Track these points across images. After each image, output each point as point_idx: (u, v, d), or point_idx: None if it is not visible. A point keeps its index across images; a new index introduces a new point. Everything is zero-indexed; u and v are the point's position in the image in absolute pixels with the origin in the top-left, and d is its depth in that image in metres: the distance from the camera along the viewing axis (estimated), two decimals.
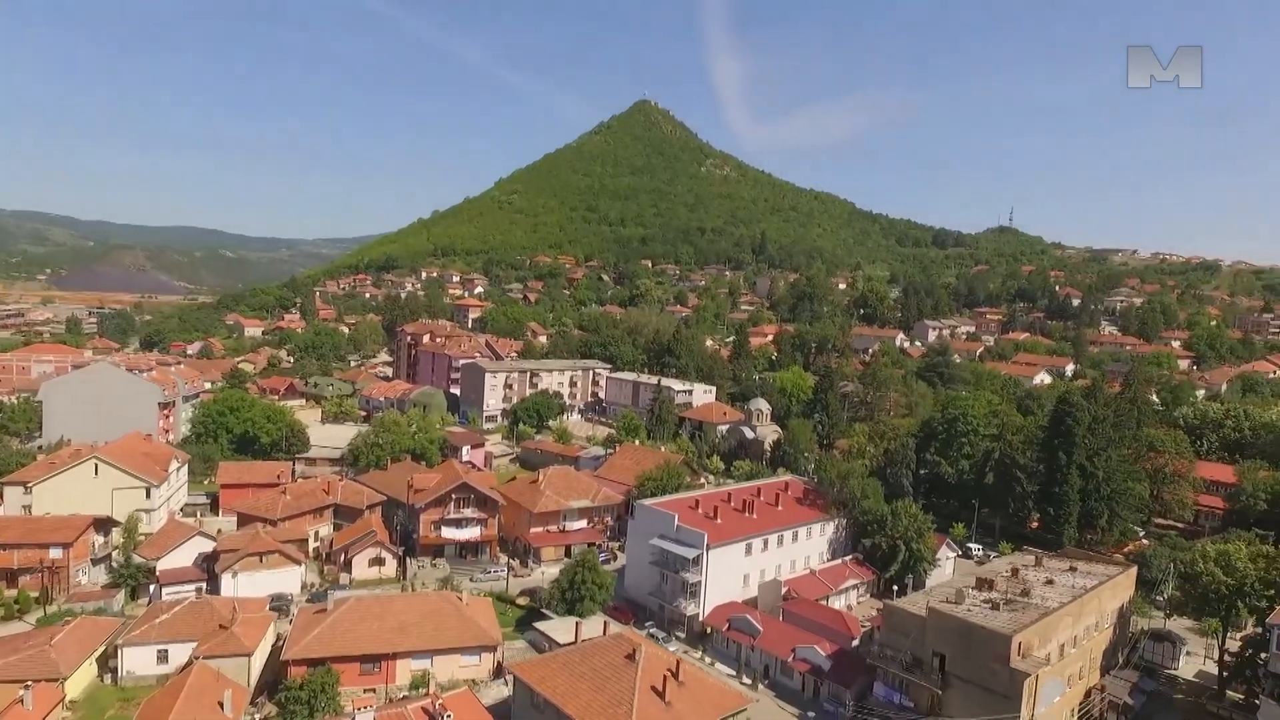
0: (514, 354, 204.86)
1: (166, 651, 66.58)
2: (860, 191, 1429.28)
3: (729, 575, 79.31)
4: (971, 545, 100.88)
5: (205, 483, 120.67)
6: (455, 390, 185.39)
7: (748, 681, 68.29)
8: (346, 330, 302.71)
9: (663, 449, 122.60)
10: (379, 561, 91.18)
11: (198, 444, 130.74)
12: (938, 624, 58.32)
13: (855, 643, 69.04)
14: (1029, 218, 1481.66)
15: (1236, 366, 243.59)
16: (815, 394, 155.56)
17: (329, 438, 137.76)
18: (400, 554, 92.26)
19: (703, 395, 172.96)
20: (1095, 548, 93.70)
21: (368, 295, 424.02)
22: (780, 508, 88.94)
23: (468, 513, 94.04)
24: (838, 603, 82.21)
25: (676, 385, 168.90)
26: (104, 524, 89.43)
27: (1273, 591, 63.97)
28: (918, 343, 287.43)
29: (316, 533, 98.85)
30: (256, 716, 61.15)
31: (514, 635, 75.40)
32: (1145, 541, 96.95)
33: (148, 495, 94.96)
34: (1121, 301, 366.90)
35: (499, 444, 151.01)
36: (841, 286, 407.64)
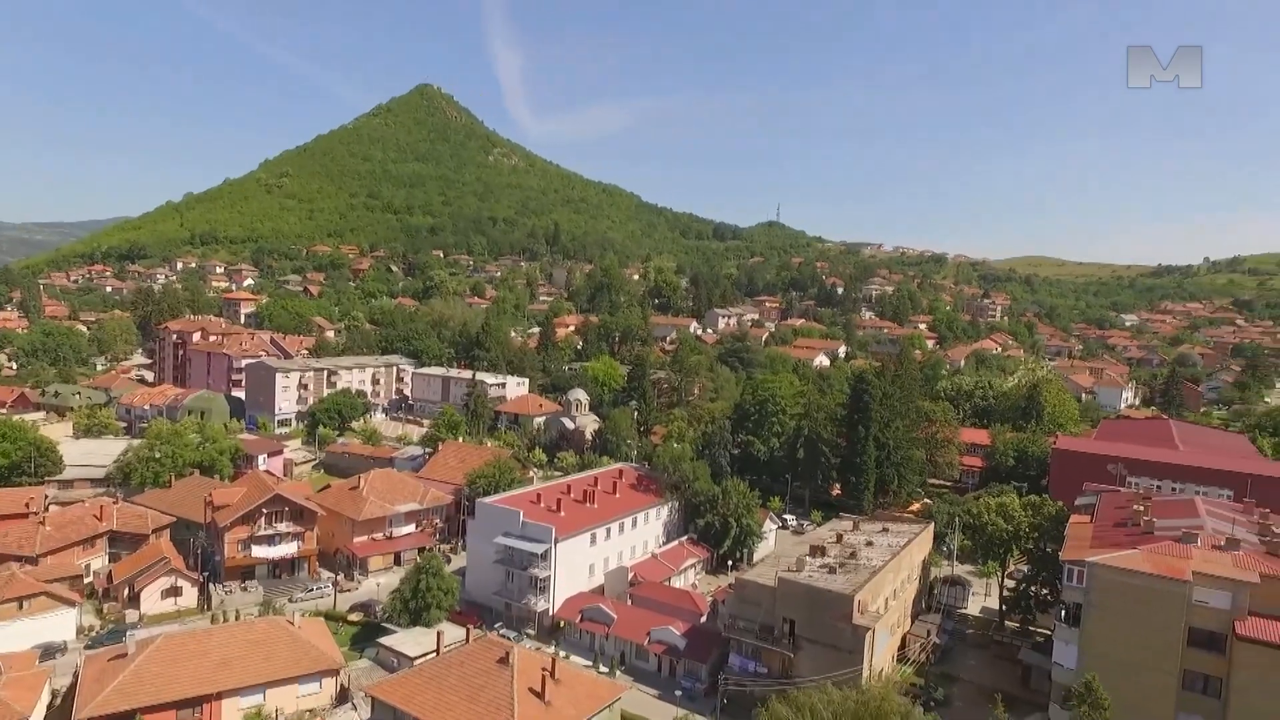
0: (304, 351, 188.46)
1: None
2: (645, 185, 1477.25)
3: (576, 567, 79.16)
4: (787, 516, 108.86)
5: None
6: (239, 393, 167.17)
7: (605, 670, 68.65)
8: (86, 330, 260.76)
9: (488, 444, 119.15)
10: (175, 591, 80.00)
11: None
12: (787, 592, 62.37)
13: (703, 619, 71.97)
14: (793, 214, 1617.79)
15: (969, 344, 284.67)
16: (629, 382, 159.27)
17: (86, 455, 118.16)
18: (201, 580, 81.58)
19: (516, 388, 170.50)
20: (889, 509, 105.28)
21: (109, 289, 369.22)
22: (618, 495, 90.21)
23: (281, 527, 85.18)
24: (679, 582, 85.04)
25: (490, 379, 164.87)
26: None
27: (1037, 534, 75.63)
28: (709, 330, 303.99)
29: (88, 566, 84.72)
30: None
31: (353, 655, 69.72)
32: (928, 501, 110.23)
33: None
34: (876, 290, 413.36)
35: (298, 450, 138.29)
36: (635, 277, 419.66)
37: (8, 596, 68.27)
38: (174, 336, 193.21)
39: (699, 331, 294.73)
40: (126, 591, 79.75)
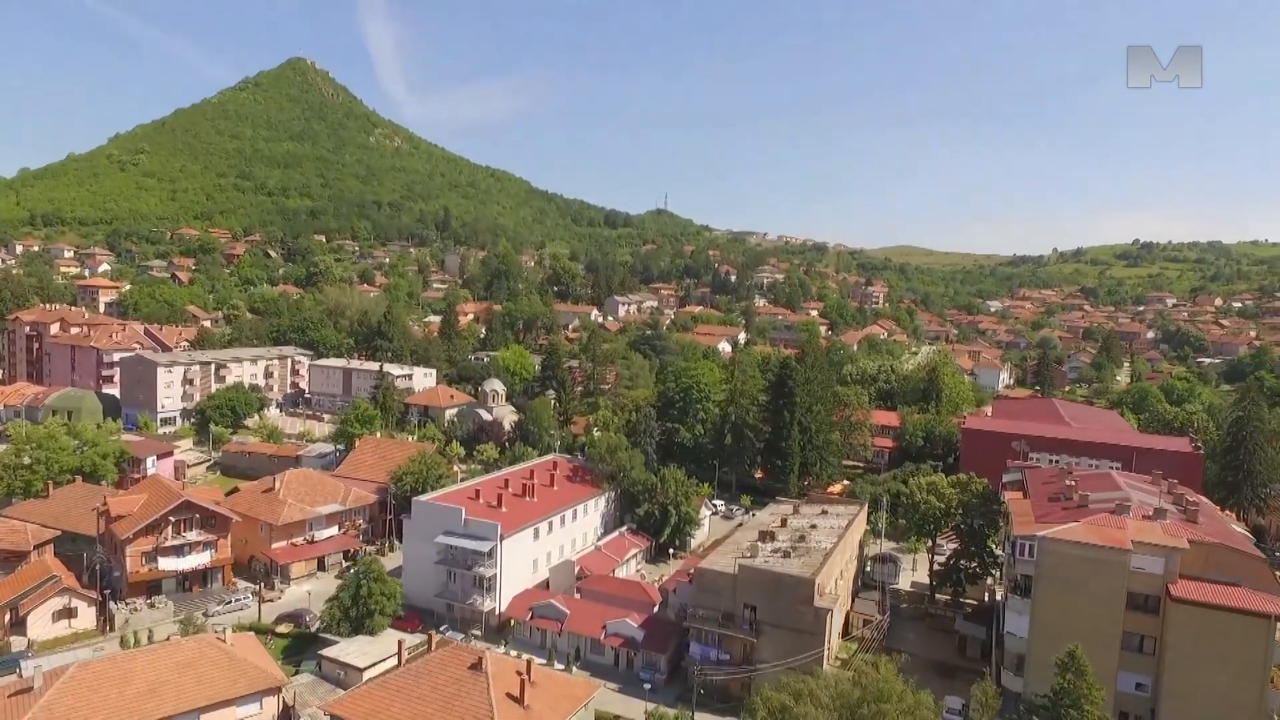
0: (184, 344, 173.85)
1: None
2: (534, 170, 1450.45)
3: (521, 563, 76.97)
4: (717, 502, 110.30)
5: None
6: (110, 390, 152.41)
7: (560, 667, 67.13)
8: None
9: (410, 439, 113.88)
10: (69, 613, 71.87)
11: None
12: (748, 578, 62.93)
13: (656, 609, 71.75)
14: (680, 202, 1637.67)
15: (859, 330, 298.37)
16: (543, 371, 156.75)
17: None
18: (100, 599, 73.68)
19: (423, 379, 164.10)
20: (811, 491, 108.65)
21: None
22: (555, 488, 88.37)
23: (191, 536, 78.02)
24: (623, 573, 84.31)
25: (396, 370, 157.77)
26: None
27: (963, 511, 79.82)
28: (610, 317, 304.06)
29: None
30: None
31: (288, 669, 64.82)
32: (848, 482, 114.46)
33: None
34: (767, 277, 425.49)
35: (190, 450, 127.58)
36: (530, 264, 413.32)
37: None
38: (27, 329, 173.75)
39: (601, 319, 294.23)
40: (7, 617, 70.95)
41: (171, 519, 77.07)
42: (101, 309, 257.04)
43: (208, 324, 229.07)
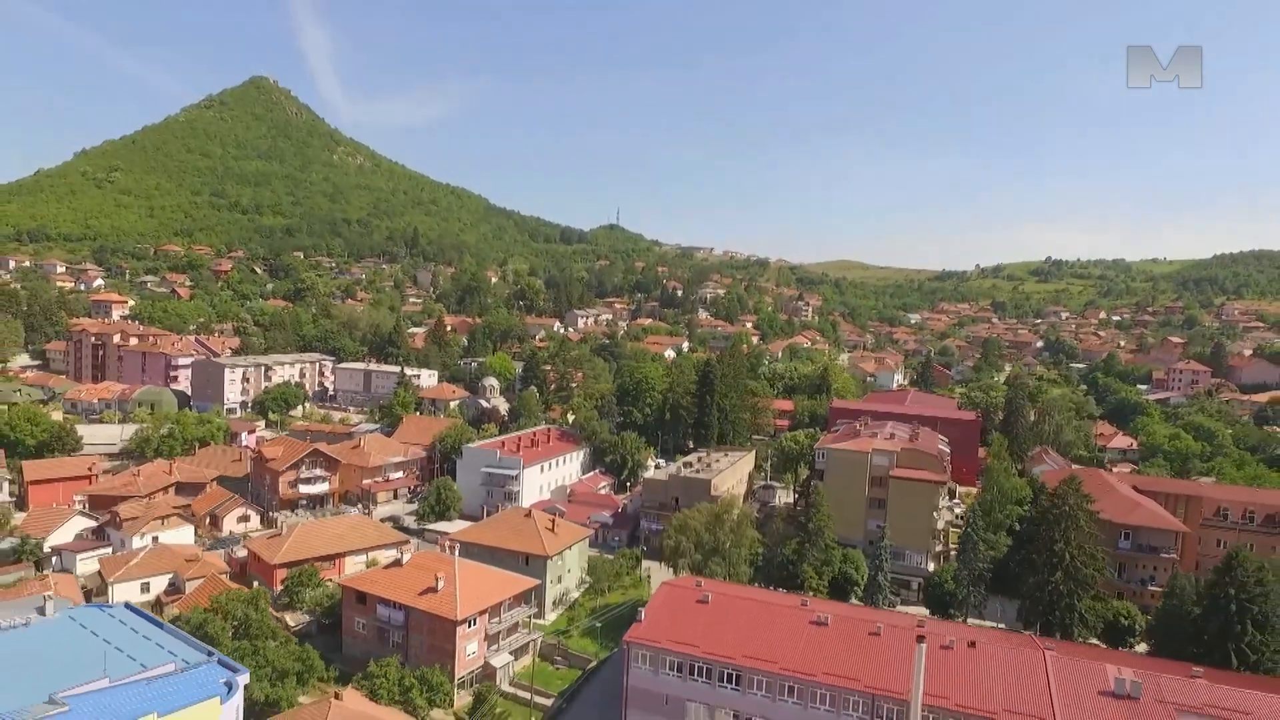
0: (228, 350, 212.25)
1: (148, 584, 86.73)
2: (492, 187, 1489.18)
3: (534, 485, 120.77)
4: (660, 461, 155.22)
5: None
6: (176, 388, 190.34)
7: None
8: None
9: (442, 417, 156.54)
10: (245, 518, 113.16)
11: None
12: (674, 482, 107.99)
13: (619, 509, 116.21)
14: (632, 217, 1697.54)
15: (785, 339, 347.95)
16: (524, 373, 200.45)
17: (92, 435, 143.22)
18: (263, 511, 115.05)
19: (428, 379, 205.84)
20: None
21: None
22: (551, 444, 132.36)
23: (317, 472, 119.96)
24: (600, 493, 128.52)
25: (409, 372, 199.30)
26: None
27: (810, 452, 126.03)
28: (571, 329, 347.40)
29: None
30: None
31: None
32: (753, 447, 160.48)
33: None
34: (710, 292, 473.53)
35: (264, 430, 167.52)
36: (494, 280, 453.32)
37: (156, 515, 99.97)
38: (92, 338, 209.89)
39: (563, 330, 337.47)
40: (207, 520, 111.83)
41: (305, 460, 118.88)
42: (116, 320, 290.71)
43: (220, 333, 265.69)
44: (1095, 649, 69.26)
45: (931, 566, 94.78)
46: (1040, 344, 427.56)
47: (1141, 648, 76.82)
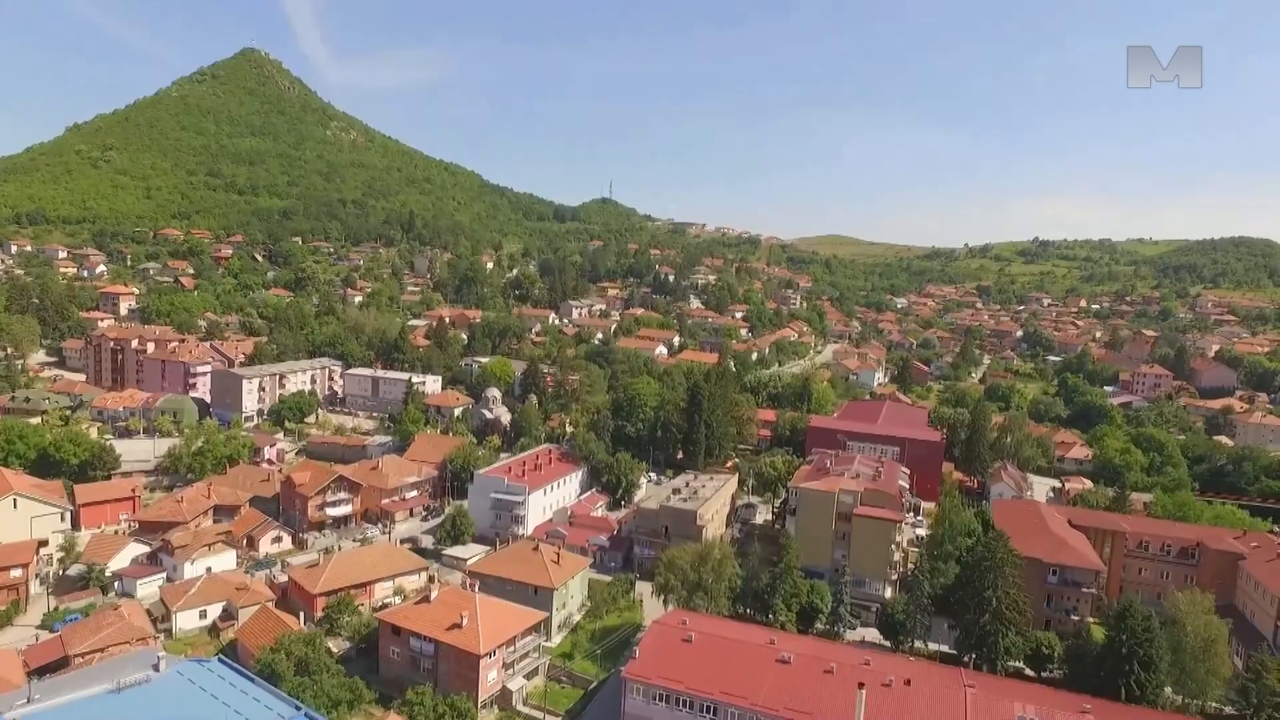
0: (243, 356, 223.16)
1: (205, 611, 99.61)
2: (484, 164, 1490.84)
3: (538, 508, 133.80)
4: (652, 474, 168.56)
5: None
6: (195, 395, 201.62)
7: None
8: None
9: (451, 435, 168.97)
10: (279, 539, 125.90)
11: None
12: (664, 511, 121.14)
13: (615, 532, 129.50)
14: (625, 191, 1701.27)
15: (774, 333, 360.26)
16: (524, 378, 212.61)
17: (129, 452, 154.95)
18: (294, 531, 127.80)
19: (432, 385, 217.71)
20: (712, 464, 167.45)
21: None
22: (552, 465, 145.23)
23: (342, 495, 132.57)
24: (596, 514, 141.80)
25: (415, 378, 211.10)
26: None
27: (790, 477, 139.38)
28: (567, 320, 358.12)
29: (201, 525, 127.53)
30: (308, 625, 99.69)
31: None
32: (737, 460, 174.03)
33: (63, 519, 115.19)
34: (701, 278, 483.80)
35: (283, 441, 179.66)
36: (490, 265, 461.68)
37: (204, 542, 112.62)
38: (111, 344, 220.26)
39: (558, 322, 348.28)
40: (244, 542, 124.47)
41: (331, 485, 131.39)
42: (121, 314, 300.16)
43: (226, 328, 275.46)
44: (1013, 682, 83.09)
45: (889, 593, 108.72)
46: (1020, 334, 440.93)
47: (1059, 672, 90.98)
